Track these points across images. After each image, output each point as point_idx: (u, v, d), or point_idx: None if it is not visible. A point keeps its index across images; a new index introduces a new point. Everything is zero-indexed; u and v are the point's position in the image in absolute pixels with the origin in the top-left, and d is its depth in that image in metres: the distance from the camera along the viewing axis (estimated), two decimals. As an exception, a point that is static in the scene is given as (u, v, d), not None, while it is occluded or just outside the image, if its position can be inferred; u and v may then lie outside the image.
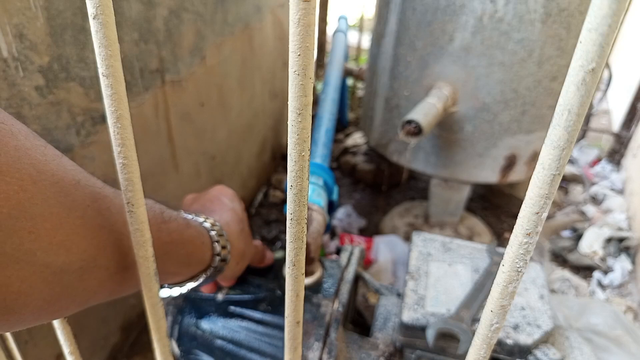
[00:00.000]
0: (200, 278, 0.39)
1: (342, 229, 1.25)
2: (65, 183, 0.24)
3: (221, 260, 0.40)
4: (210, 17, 0.90)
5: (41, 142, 0.24)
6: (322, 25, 1.80)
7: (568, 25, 0.79)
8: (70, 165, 0.25)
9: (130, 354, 0.83)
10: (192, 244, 0.36)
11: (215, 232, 0.39)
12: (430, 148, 0.97)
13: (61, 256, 0.23)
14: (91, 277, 0.25)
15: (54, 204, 0.22)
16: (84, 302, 0.27)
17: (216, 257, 0.39)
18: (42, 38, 0.52)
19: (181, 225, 0.35)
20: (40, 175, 0.22)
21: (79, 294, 0.25)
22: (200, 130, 0.93)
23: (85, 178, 0.26)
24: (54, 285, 0.23)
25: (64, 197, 0.23)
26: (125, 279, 0.29)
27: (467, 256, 0.61)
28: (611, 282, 1.11)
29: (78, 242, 0.24)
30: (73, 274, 0.24)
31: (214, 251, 0.39)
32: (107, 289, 0.28)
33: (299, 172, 0.19)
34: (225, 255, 0.40)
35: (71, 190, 0.24)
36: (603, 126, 1.97)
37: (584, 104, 0.14)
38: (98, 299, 0.28)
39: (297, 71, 0.17)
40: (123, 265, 0.28)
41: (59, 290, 0.24)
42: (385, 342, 0.56)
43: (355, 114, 1.88)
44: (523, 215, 0.17)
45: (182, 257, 0.35)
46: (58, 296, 0.24)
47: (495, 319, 0.20)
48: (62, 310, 0.26)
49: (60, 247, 0.23)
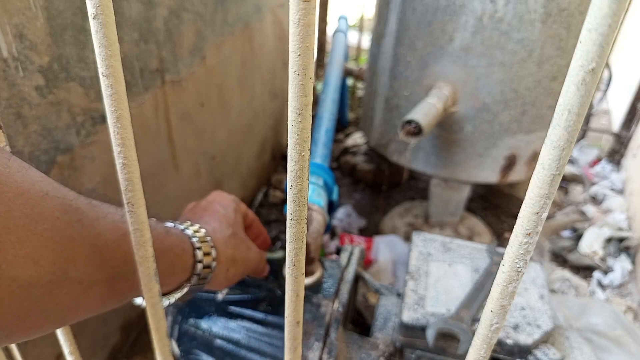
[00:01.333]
0: (184, 287, 0.38)
1: (342, 229, 1.25)
2: (31, 195, 0.23)
3: (205, 267, 0.38)
4: (210, 17, 0.90)
5: (4, 155, 0.23)
6: (322, 25, 1.80)
7: (568, 25, 0.79)
8: (38, 177, 0.25)
9: (130, 354, 0.83)
10: (172, 252, 0.35)
11: (197, 239, 0.38)
12: (430, 148, 0.97)
13: (28, 269, 0.22)
14: (63, 292, 0.25)
15: (19, 216, 0.22)
16: (59, 320, 0.26)
17: (198, 264, 0.38)
18: (42, 38, 0.52)
19: (160, 234, 0.34)
20: (3, 187, 0.22)
21: (51, 309, 0.24)
22: (200, 130, 0.93)
23: (55, 189, 0.25)
24: (22, 300, 0.22)
25: (30, 209, 0.23)
26: (105, 293, 0.28)
27: (467, 256, 0.61)
28: (611, 282, 1.11)
29: (46, 255, 0.23)
30: (42, 288, 0.23)
31: (196, 258, 0.38)
32: (85, 305, 0.27)
33: (299, 172, 0.19)
34: (209, 262, 0.39)
35: (38, 202, 0.23)
36: (603, 126, 1.97)
37: (584, 104, 0.14)
38: (77, 315, 0.27)
39: (297, 71, 0.17)
40: (98, 279, 0.27)
41: (28, 305, 0.23)
42: (385, 342, 0.56)
43: (355, 114, 1.88)
44: (523, 215, 0.17)
45: (164, 266, 0.34)
46: (27, 311, 0.23)
47: (495, 319, 0.20)
48: (36, 328, 0.25)
49: (27, 260, 0.22)
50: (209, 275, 0.40)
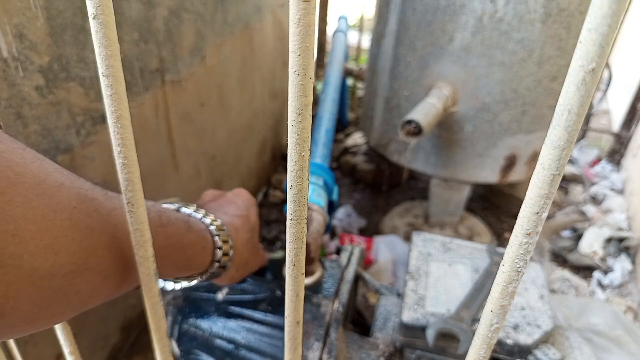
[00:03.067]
0: (194, 280, 0.38)
1: (342, 229, 1.25)
2: (48, 185, 0.23)
3: (220, 267, 0.39)
4: (210, 17, 0.90)
5: (19, 145, 0.23)
6: (322, 25, 1.80)
7: (568, 25, 0.79)
8: (52, 167, 0.24)
9: (130, 354, 0.83)
10: (192, 248, 0.35)
11: (219, 238, 0.38)
12: (430, 148, 0.97)
13: (49, 259, 0.22)
14: (83, 281, 0.25)
15: (38, 205, 0.22)
16: (79, 307, 0.26)
17: (215, 263, 0.38)
18: (42, 38, 0.52)
19: (181, 229, 0.34)
20: (20, 178, 0.21)
21: (71, 298, 0.24)
22: (200, 130, 0.93)
23: (70, 180, 0.25)
24: (43, 290, 0.22)
25: (47, 199, 0.22)
26: (121, 282, 0.28)
27: (467, 256, 0.61)
28: (611, 282, 1.11)
29: (67, 245, 0.23)
30: (63, 277, 0.23)
31: (215, 257, 0.38)
32: (103, 293, 0.27)
33: (299, 172, 0.19)
34: (226, 262, 0.39)
35: (55, 192, 0.23)
36: (603, 126, 1.97)
37: (584, 104, 0.14)
38: (95, 302, 0.27)
39: (297, 71, 0.17)
40: (117, 269, 0.27)
41: (50, 294, 0.23)
42: (385, 342, 0.56)
43: (355, 114, 1.87)
44: (523, 215, 0.17)
45: (181, 261, 0.35)
46: (49, 301, 0.23)
47: (495, 319, 0.20)
48: (58, 315, 0.25)
49: (48, 250, 0.22)
50: (221, 273, 0.40)
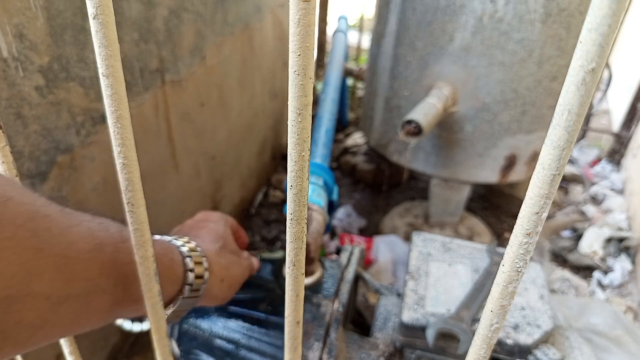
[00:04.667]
0: (177, 300, 0.35)
1: (342, 229, 1.25)
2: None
3: (197, 277, 0.36)
4: (210, 17, 0.90)
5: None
6: (322, 25, 1.80)
7: (568, 25, 0.79)
8: (2, 181, 0.23)
9: (130, 354, 0.83)
10: (159, 262, 0.33)
11: (186, 249, 0.37)
12: (430, 148, 0.96)
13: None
14: (24, 309, 0.22)
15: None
16: (23, 340, 0.23)
17: (189, 273, 0.36)
18: (42, 38, 0.52)
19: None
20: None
21: (10, 329, 0.22)
22: (200, 130, 0.93)
23: (21, 195, 0.23)
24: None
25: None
26: (79, 310, 0.25)
27: (467, 256, 0.61)
28: (611, 282, 1.11)
29: (3, 268, 0.21)
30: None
31: (186, 267, 0.36)
32: (54, 323, 0.24)
33: (299, 172, 0.19)
34: (201, 272, 0.37)
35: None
36: (603, 126, 1.97)
37: (584, 104, 0.14)
38: (47, 335, 0.24)
39: (297, 71, 0.17)
40: (70, 294, 0.24)
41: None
42: (385, 342, 0.56)
43: (355, 114, 1.88)
44: (523, 215, 0.17)
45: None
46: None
47: (495, 319, 0.20)
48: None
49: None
50: (203, 286, 0.37)
